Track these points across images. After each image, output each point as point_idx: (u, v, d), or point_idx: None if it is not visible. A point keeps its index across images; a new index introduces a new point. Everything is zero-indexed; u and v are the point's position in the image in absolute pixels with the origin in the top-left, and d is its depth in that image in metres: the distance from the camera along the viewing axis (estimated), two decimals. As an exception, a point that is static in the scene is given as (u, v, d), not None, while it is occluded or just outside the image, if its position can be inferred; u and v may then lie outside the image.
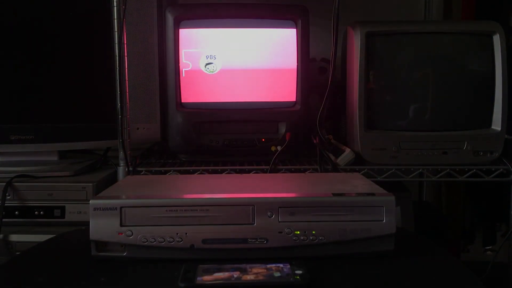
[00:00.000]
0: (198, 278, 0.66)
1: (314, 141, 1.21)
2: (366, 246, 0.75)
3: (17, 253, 1.09)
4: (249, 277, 0.66)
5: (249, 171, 1.18)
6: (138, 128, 1.27)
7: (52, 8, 1.27)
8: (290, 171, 1.18)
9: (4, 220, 1.11)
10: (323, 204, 0.75)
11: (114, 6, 1.13)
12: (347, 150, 1.19)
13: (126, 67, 1.16)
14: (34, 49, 1.27)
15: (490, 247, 1.59)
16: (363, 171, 1.17)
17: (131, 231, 0.74)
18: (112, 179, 1.22)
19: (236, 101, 1.22)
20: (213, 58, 1.20)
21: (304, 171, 1.17)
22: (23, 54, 1.27)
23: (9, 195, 1.14)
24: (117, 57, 1.14)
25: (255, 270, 0.68)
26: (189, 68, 1.21)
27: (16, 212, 1.15)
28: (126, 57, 1.16)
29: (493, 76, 1.17)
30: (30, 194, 1.15)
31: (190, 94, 1.21)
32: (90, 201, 0.75)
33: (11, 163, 1.28)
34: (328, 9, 1.17)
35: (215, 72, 1.21)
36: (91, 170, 1.31)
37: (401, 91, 1.20)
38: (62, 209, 1.15)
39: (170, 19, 1.18)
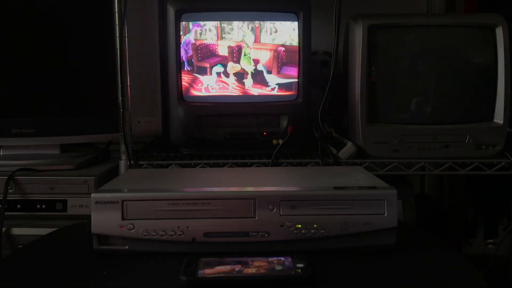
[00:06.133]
0: (200, 271, 0.66)
1: (316, 135, 1.21)
2: (367, 239, 0.75)
3: (20, 246, 1.09)
4: (251, 270, 0.66)
5: (250, 165, 1.18)
6: (139, 122, 1.26)
7: (52, 2, 1.26)
8: (292, 164, 1.18)
9: (6, 213, 1.11)
10: (325, 198, 0.75)
11: (115, -1, 1.13)
12: (349, 143, 1.19)
13: (127, 60, 1.16)
14: (35, 43, 1.27)
15: (492, 240, 1.59)
16: (364, 165, 1.17)
17: (132, 224, 0.74)
18: (114, 173, 1.22)
19: (238, 94, 1.22)
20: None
21: (305, 164, 1.17)
22: (24, 48, 1.27)
23: (11, 189, 1.14)
24: (118, 50, 1.14)
25: (256, 263, 0.68)
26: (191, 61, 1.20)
27: (18, 206, 1.15)
28: (127, 51, 1.15)
29: (495, 69, 1.17)
30: (32, 188, 1.15)
31: (192, 87, 1.21)
32: (91, 195, 0.75)
33: (13, 156, 1.28)
34: (330, 2, 1.17)
35: (217, 65, 1.21)
36: (93, 164, 1.31)
37: (403, 84, 1.19)
38: (64, 202, 1.15)
39: (171, 12, 1.18)
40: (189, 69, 1.21)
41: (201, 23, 1.19)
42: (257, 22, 1.20)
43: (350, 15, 1.21)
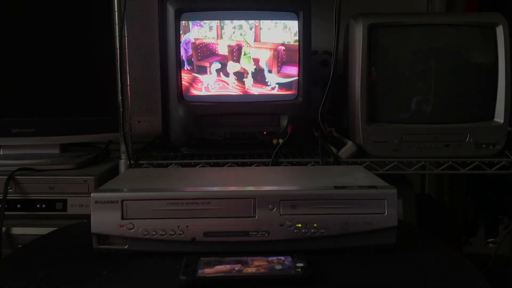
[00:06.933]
0: (199, 271, 0.66)
1: (316, 134, 1.21)
2: (367, 239, 0.75)
3: (20, 246, 1.09)
4: (250, 269, 0.66)
5: (250, 164, 1.18)
6: (139, 121, 1.26)
7: (52, 2, 1.26)
8: (292, 164, 1.18)
9: (6, 213, 1.11)
10: (325, 197, 0.75)
11: (114, -1, 1.13)
12: (349, 143, 1.18)
13: (127, 60, 1.16)
14: (35, 43, 1.27)
15: (492, 239, 1.59)
16: (365, 164, 1.16)
17: (132, 224, 0.74)
18: (114, 172, 1.22)
19: (238, 94, 1.22)
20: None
21: (305, 164, 1.17)
22: (24, 48, 1.27)
23: (11, 188, 1.14)
24: (117, 50, 1.14)
25: (256, 263, 0.68)
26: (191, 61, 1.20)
27: (18, 205, 1.15)
28: (126, 50, 1.15)
29: (496, 68, 1.17)
30: (32, 187, 1.15)
31: (192, 87, 1.21)
32: (91, 194, 0.75)
33: (12, 156, 1.28)
34: (330, 1, 1.17)
35: (215, 62, 1.20)
36: (93, 163, 1.31)
37: (403, 83, 1.19)
38: (64, 202, 1.15)
39: (171, 11, 1.18)
40: (189, 68, 1.21)
41: (201, 22, 1.19)
42: (257, 21, 1.20)
43: (351, 14, 1.21)
